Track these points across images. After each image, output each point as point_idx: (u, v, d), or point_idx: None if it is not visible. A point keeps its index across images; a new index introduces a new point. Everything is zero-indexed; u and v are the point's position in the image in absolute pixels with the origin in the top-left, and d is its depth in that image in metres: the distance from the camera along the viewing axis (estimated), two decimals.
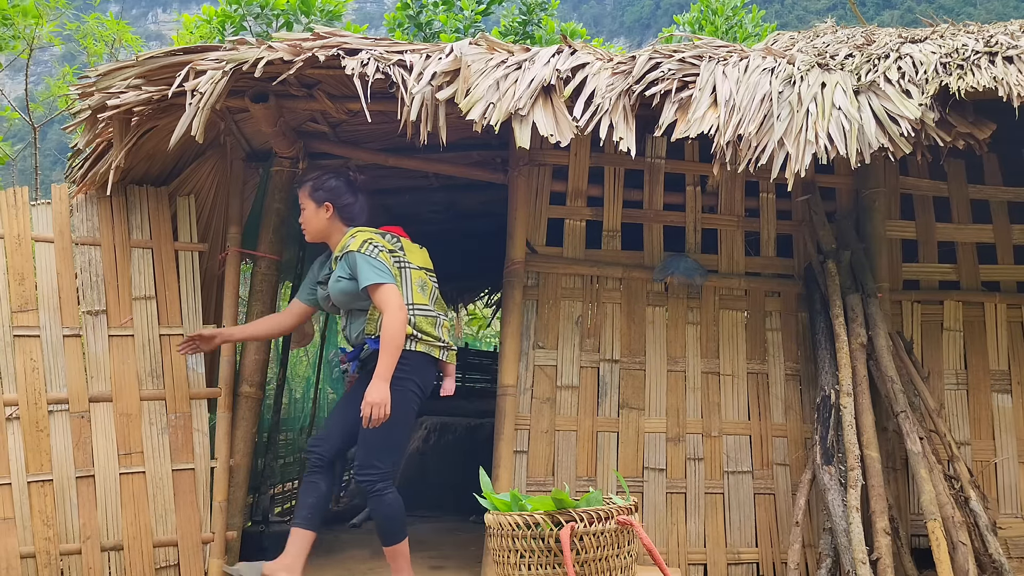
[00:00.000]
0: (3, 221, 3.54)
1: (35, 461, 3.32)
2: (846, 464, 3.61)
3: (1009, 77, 3.25)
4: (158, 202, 3.79)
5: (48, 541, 3.25)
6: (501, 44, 3.63)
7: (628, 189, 4.28)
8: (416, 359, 3.17)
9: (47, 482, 3.31)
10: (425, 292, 3.29)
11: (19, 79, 8.40)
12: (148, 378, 3.59)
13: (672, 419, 4.04)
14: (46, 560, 3.27)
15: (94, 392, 3.49)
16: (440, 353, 3.27)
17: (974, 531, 3.52)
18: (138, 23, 51.69)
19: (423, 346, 3.19)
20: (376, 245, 3.15)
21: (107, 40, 8.47)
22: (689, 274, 4.07)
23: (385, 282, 3.04)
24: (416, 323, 3.17)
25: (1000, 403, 4.16)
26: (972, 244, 4.37)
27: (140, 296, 3.66)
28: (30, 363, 3.39)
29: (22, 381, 3.35)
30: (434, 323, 3.26)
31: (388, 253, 3.19)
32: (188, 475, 3.60)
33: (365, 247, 3.12)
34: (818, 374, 3.97)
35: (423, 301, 3.25)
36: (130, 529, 3.44)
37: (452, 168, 4.30)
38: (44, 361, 3.43)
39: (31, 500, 3.27)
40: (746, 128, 3.24)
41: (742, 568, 3.90)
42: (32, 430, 3.34)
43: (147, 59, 3.44)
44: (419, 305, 3.22)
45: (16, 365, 3.37)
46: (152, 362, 3.61)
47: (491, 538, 2.45)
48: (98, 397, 3.50)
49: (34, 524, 3.27)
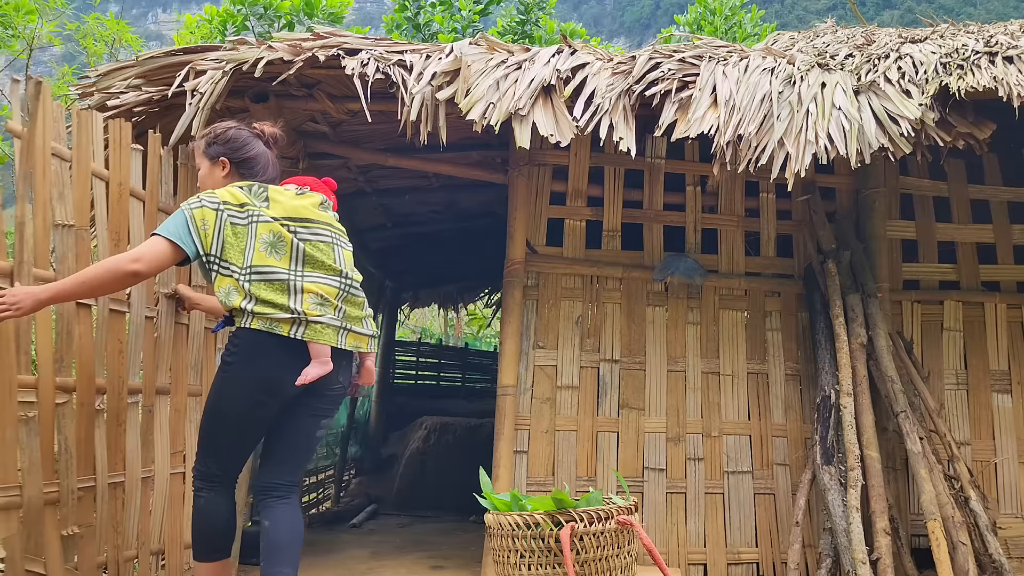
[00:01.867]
0: (111, 159, 2.80)
1: (112, 460, 2.79)
2: (846, 464, 3.60)
3: (1009, 77, 3.25)
4: None
5: (116, 549, 2.81)
6: (501, 44, 3.63)
7: (628, 189, 4.28)
8: (247, 340, 2.36)
9: (119, 484, 2.83)
10: (279, 250, 2.41)
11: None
12: (191, 372, 3.21)
13: (672, 419, 4.04)
14: (115, 571, 2.79)
15: (159, 384, 3.03)
16: (293, 330, 2.35)
17: (974, 531, 3.52)
18: (138, 23, 51.70)
19: (260, 322, 2.34)
20: (204, 199, 2.42)
21: (107, 40, 8.47)
22: (689, 274, 4.07)
23: (155, 234, 2.37)
24: (252, 291, 2.35)
25: (1000, 403, 4.16)
26: (972, 244, 4.37)
27: (199, 283, 3.25)
28: (116, 345, 2.79)
29: (112, 366, 2.76)
30: (286, 289, 2.37)
31: (230, 207, 2.41)
32: None
33: (193, 200, 2.44)
34: (818, 374, 3.97)
35: (269, 262, 2.38)
36: (169, 532, 3.08)
37: (452, 168, 4.30)
38: (128, 344, 2.85)
39: (106, 504, 2.77)
40: (746, 128, 3.24)
41: (742, 568, 3.90)
42: (112, 424, 2.80)
43: (147, 59, 3.44)
44: (259, 267, 2.37)
45: (108, 345, 2.74)
46: (196, 355, 3.23)
47: (491, 538, 2.45)
48: (161, 389, 3.04)
49: (105, 530, 2.77)
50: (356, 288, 2.53)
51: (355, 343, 2.50)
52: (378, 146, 4.30)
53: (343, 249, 2.55)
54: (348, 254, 2.58)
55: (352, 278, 2.52)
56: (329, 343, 2.41)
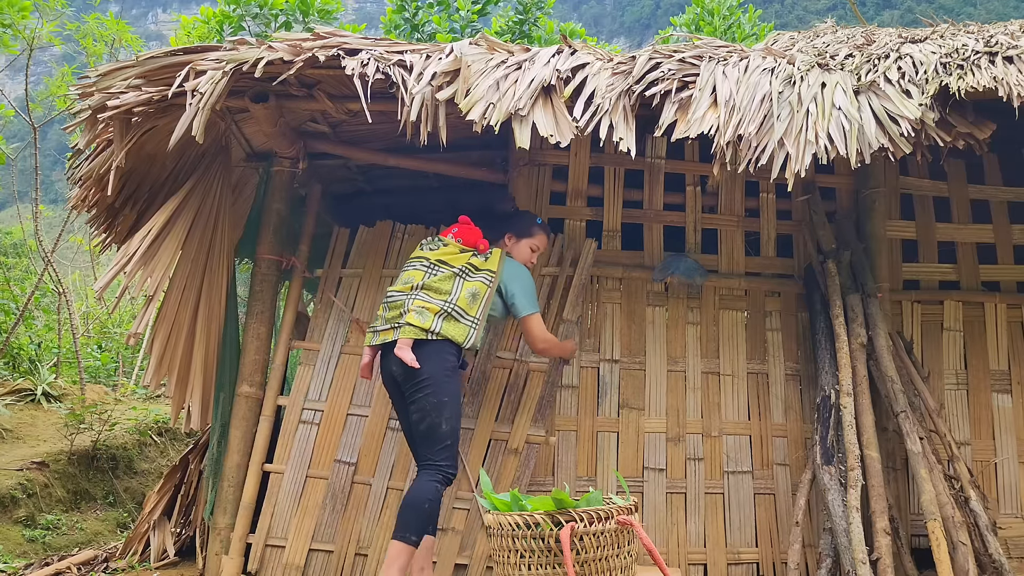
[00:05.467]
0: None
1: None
2: (846, 464, 3.60)
3: (1009, 77, 3.25)
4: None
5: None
6: (501, 44, 3.62)
7: (628, 189, 4.28)
8: (456, 351, 3.32)
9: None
10: (397, 281, 3.49)
11: (19, 79, 8.39)
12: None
13: (672, 419, 4.03)
14: None
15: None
16: (370, 338, 3.42)
17: (974, 531, 3.52)
18: (138, 23, 51.68)
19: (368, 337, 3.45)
20: None
21: (107, 40, 8.45)
22: (689, 274, 4.07)
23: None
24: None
25: (1000, 403, 4.16)
26: (972, 244, 4.37)
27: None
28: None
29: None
30: (380, 310, 3.44)
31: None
32: None
33: None
34: (818, 374, 3.97)
35: (389, 290, 3.47)
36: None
37: (452, 168, 4.30)
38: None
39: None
40: (746, 128, 3.24)
41: (742, 568, 3.90)
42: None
43: (147, 59, 3.44)
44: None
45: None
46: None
47: (491, 538, 2.45)
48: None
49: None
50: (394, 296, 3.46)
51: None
52: (378, 146, 4.29)
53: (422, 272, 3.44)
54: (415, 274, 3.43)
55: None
56: (381, 342, 3.35)
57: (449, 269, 3.37)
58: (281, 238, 4.13)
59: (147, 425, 6.73)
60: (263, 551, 3.77)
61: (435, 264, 3.40)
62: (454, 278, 3.35)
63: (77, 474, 5.78)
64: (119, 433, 6.34)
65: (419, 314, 3.23)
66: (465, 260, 3.40)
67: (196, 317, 3.95)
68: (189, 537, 4.31)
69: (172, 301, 3.84)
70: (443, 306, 3.27)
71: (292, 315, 4.18)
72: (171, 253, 3.63)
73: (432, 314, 3.24)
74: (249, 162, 4.31)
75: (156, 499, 4.50)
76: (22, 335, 7.56)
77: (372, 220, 4.31)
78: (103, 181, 3.52)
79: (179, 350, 3.91)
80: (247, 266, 5.02)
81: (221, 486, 3.87)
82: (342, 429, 3.91)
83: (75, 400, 6.77)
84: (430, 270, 3.39)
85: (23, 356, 7.55)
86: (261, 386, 4.00)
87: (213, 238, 3.98)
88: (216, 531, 3.84)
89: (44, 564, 4.47)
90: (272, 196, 4.14)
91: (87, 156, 3.73)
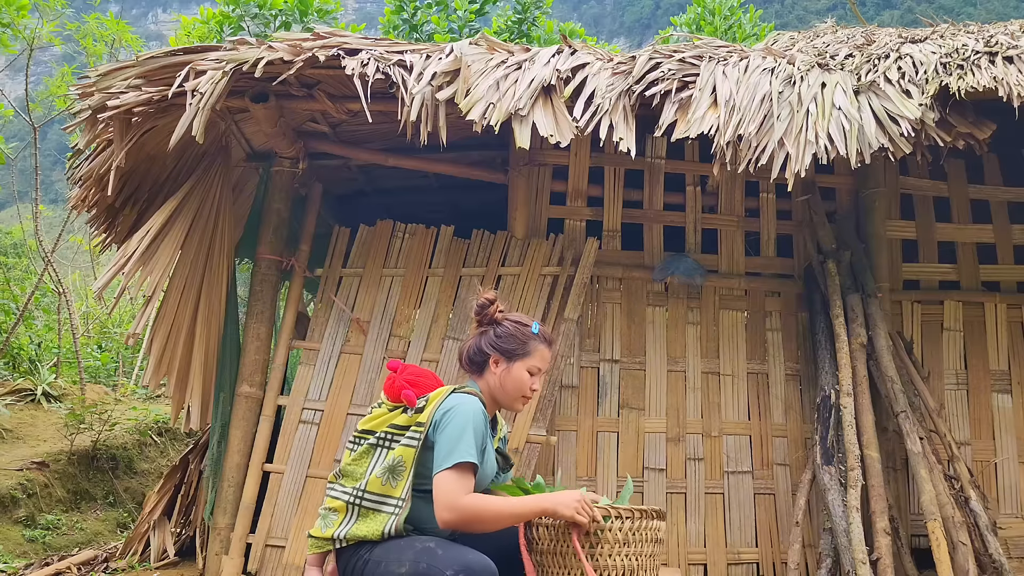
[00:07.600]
0: None
1: None
2: (846, 464, 3.60)
3: (1009, 77, 3.25)
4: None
5: None
6: (501, 44, 3.62)
7: (628, 189, 4.28)
8: None
9: None
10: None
11: (19, 79, 8.39)
12: None
13: (672, 419, 4.03)
14: None
15: None
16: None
17: (974, 531, 3.52)
18: (138, 23, 51.66)
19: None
20: None
21: (107, 40, 8.45)
22: (689, 274, 4.07)
23: None
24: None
25: (1000, 403, 4.16)
26: (972, 244, 4.37)
27: None
28: None
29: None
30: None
31: None
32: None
33: None
34: (818, 374, 3.97)
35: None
36: None
37: (452, 168, 4.30)
38: None
39: None
40: (746, 128, 3.24)
41: (742, 568, 3.90)
42: None
43: (147, 59, 3.44)
44: None
45: None
46: None
47: None
48: None
49: None
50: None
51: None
52: (378, 146, 4.29)
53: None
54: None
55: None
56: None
57: (368, 440, 2.35)
58: (281, 238, 4.14)
59: (147, 425, 6.73)
60: (263, 551, 3.77)
61: (359, 437, 2.39)
62: (371, 452, 2.33)
63: (77, 474, 5.78)
64: (119, 433, 6.33)
65: (323, 519, 2.30)
66: (388, 422, 2.33)
67: (196, 317, 3.95)
68: (189, 537, 4.31)
69: (172, 301, 3.85)
70: (349, 499, 2.26)
71: (292, 315, 4.18)
72: (171, 253, 3.63)
73: (339, 515, 2.27)
74: (249, 162, 4.31)
75: (156, 499, 4.50)
76: (22, 335, 7.56)
77: (372, 220, 4.31)
78: (103, 181, 3.53)
79: (179, 350, 3.91)
80: (247, 266, 5.02)
81: (221, 486, 3.87)
82: (342, 429, 3.91)
83: (75, 400, 6.77)
84: (354, 445, 2.39)
85: (23, 356, 7.55)
86: (261, 386, 4.00)
87: (213, 238, 3.98)
88: (216, 531, 3.84)
89: (44, 564, 4.47)
90: (272, 196, 4.14)
91: (87, 156, 3.73)
